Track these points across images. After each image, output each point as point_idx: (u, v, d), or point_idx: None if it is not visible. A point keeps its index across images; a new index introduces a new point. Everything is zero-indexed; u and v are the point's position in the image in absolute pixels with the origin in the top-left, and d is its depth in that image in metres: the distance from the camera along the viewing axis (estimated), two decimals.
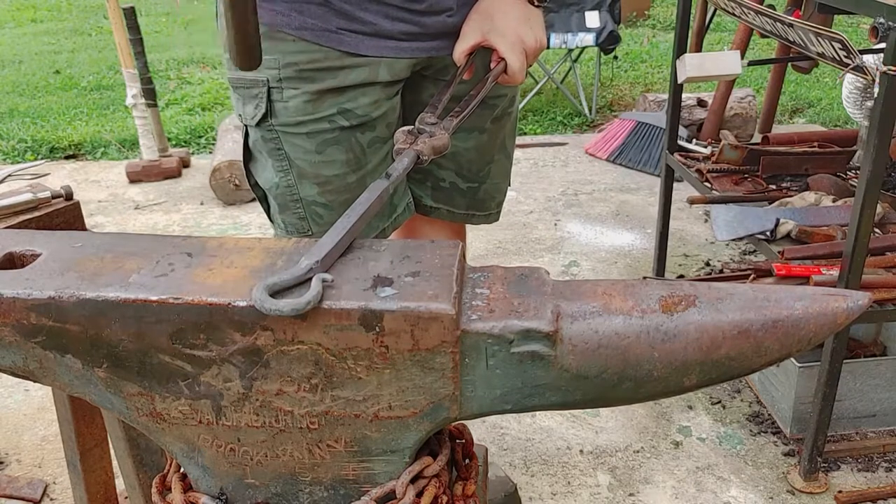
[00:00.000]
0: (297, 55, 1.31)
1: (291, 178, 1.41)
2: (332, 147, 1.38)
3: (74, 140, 4.58)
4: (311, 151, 1.38)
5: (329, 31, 1.30)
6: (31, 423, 2.29)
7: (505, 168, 1.65)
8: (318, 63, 1.32)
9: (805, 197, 2.23)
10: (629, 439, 2.20)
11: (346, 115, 1.36)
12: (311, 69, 1.32)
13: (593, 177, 4.02)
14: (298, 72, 1.32)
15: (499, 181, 1.64)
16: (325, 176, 1.40)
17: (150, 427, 0.84)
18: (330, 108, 1.35)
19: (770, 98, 4.11)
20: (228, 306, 0.74)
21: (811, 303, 0.75)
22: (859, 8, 1.78)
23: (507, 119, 1.57)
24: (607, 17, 4.57)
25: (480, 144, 1.54)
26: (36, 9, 8.66)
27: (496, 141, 1.57)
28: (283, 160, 1.40)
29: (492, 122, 1.53)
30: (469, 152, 1.55)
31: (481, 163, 1.58)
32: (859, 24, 6.05)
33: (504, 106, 1.54)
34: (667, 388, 0.77)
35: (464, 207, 1.63)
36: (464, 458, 0.96)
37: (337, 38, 1.31)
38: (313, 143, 1.37)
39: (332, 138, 1.37)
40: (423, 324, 0.73)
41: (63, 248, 0.84)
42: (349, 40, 1.31)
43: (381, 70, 1.35)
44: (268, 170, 1.43)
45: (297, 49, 1.31)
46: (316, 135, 1.37)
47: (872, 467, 2.08)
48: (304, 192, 1.41)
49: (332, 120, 1.36)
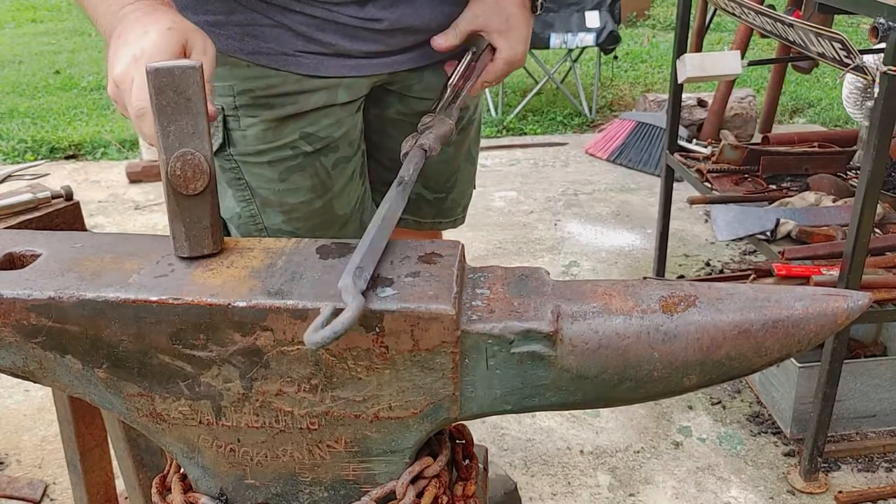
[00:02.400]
0: (252, 81, 1.23)
1: (254, 208, 1.34)
2: (297, 174, 1.31)
3: (74, 140, 4.58)
4: (273, 180, 1.31)
5: (286, 54, 1.22)
6: (31, 423, 2.29)
7: (470, 174, 1.63)
8: (275, 89, 1.24)
9: (805, 197, 2.23)
10: (629, 439, 2.20)
11: (308, 140, 1.29)
12: (269, 95, 1.25)
13: (593, 177, 4.02)
14: (255, 98, 1.25)
15: (464, 188, 1.62)
16: (290, 203, 1.34)
17: (150, 427, 0.84)
18: (292, 135, 1.28)
19: (770, 98, 4.11)
20: (228, 307, 0.74)
21: (811, 303, 0.75)
22: (859, 8, 1.78)
23: (471, 128, 1.54)
24: (607, 17, 4.58)
25: (447, 157, 1.51)
26: (36, 9, 8.65)
27: (461, 151, 1.54)
28: (244, 190, 1.33)
29: (458, 134, 1.48)
30: (436, 165, 1.51)
31: (448, 174, 1.55)
32: (859, 24, 6.05)
33: (468, 116, 1.51)
34: (667, 388, 0.77)
35: (431, 216, 1.61)
36: (464, 459, 0.96)
37: (295, 62, 1.23)
38: (276, 172, 1.30)
39: (296, 165, 1.31)
40: (423, 324, 0.73)
41: (63, 249, 0.84)
42: (308, 62, 1.24)
43: (341, 91, 1.28)
44: (227, 199, 1.35)
45: (252, 75, 1.23)
46: (278, 163, 1.30)
47: (872, 467, 2.08)
48: (268, 220, 1.35)
49: (295, 146, 1.29)
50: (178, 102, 0.77)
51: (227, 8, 1.20)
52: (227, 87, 1.24)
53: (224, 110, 1.26)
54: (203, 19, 1.20)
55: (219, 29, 1.20)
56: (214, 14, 1.20)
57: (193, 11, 1.20)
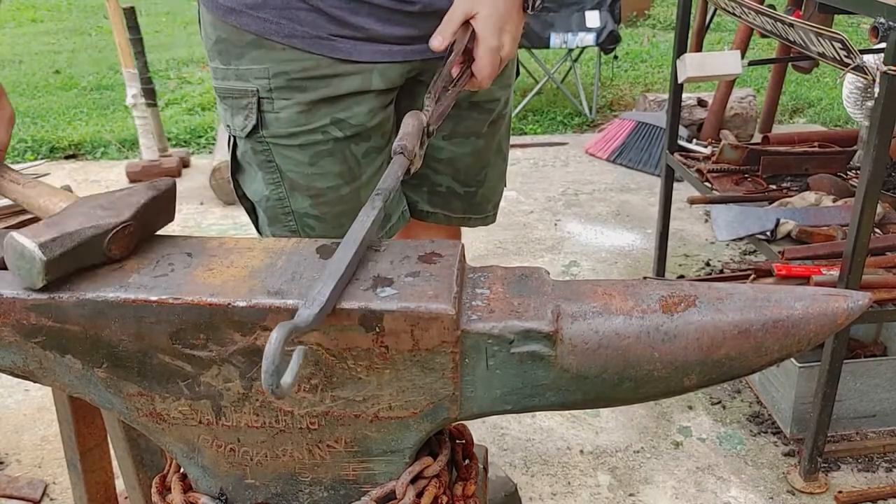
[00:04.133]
0: (287, 64, 1.26)
1: (283, 191, 1.37)
2: (326, 159, 1.34)
3: (74, 140, 4.58)
4: (303, 163, 1.34)
5: (320, 37, 1.25)
6: (31, 423, 2.29)
7: (501, 170, 1.63)
8: (310, 72, 1.27)
9: (805, 197, 2.23)
10: (629, 439, 2.19)
11: (339, 126, 1.32)
12: (303, 78, 1.27)
13: (593, 177, 4.02)
14: (289, 81, 1.28)
15: (495, 184, 1.62)
16: (318, 188, 1.36)
17: (150, 427, 0.84)
18: (323, 119, 1.30)
19: (770, 98, 4.11)
20: (228, 306, 0.74)
21: (811, 303, 0.75)
22: (859, 8, 1.78)
23: (501, 122, 1.55)
24: (607, 17, 4.57)
25: (477, 149, 1.52)
26: (36, 9, 8.65)
27: (492, 144, 1.55)
28: (274, 172, 1.35)
29: (488, 127, 1.51)
30: (466, 157, 1.53)
31: (478, 167, 1.56)
32: (859, 24, 6.05)
33: (499, 109, 1.51)
34: (667, 388, 0.77)
35: (461, 211, 1.61)
36: (464, 459, 0.96)
37: (329, 45, 1.26)
38: (306, 155, 1.33)
39: (326, 150, 1.33)
40: (423, 324, 0.73)
41: None
42: (342, 46, 1.26)
43: (375, 77, 1.30)
44: (257, 182, 1.38)
45: (288, 58, 1.26)
46: (309, 146, 1.32)
47: (872, 467, 2.08)
48: (295, 204, 1.37)
49: (326, 131, 1.31)
50: None
51: None
52: (262, 70, 1.28)
53: (259, 93, 1.29)
54: (241, 2, 1.24)
55: (256, 11, 1.24)
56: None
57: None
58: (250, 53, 1.28)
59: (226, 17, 1.27)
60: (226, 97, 1.34)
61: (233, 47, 1.29)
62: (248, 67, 1.28)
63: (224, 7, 1.26)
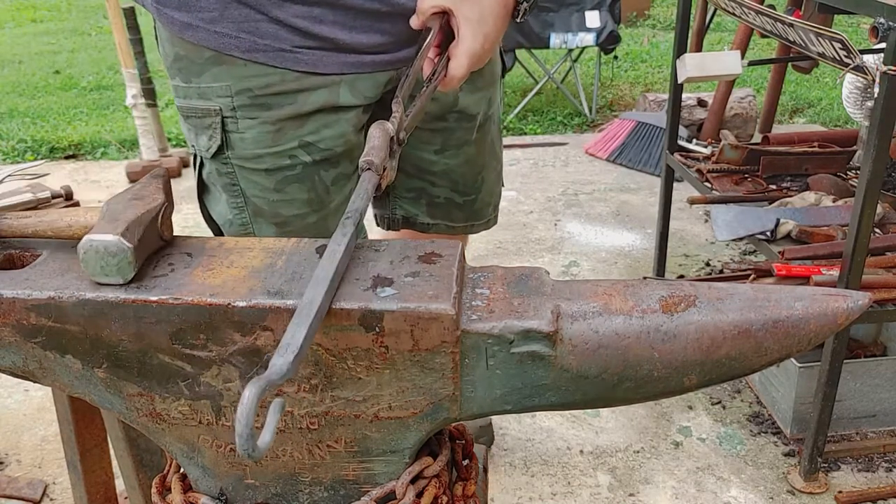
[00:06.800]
0: (250, 80, 1.20)
1: (246, 216, 1.30)
2: (293, 185, 1.27)
3: (74, 140, 4.58)
4: (269, 189, 1.27)
5: (283, 50, 1.18)
6: (31, 423, 2.29)
7: (496, 172, 1.60)
8: (274, 87, 1.20)
9: (805, 197, 2.23)
10: (629, 439, 2.19)
11: (308, 150, 1.25)
12: (267, 94, 1.21)
13: (593, 177, 4.02)
14: (253, 98, 1.21)
15: (492, 186, 1.60)
16: (283, 216, 1.29)
17: (150, 427, 0.84)
18: (291, 141, 1.24)
19: (770, 98, 4.11)
20: (228, 306, 0.74)
21: (811, 303, 0.75)
22: (859, 8, 1.78)
23: (490, 123, 1.51)
24: (607, 17, 4.58)
25: (470, 157, 1.49)
26: (36, 9, 8.66)
27: (484, 149, 1.52)
28: (238, 196, 1.29)
29: (477, 132, 1.47)
30: (461, 167, 1.49)
31: (474, 174, 1.52)
32: (859, 24, 6.04)
33: (484, 110, 1.47)
34: (667, 388, 0.77)
35: (462, 220, 1.58)
36: (464, 459, 0.96)
37: (293, 58, 1.19)
38: (272, 181, 1.26)
39: (294, 175, 1.26)
40: (423, 324, 0.73)
41: (63, 248, 0.84)
42: (306, 59, 1.19)
43: (343, 91, 1.23)
44: (221, 204, 1.32)
45: (250, 73, 1.19)
46: (275, 171, 1.26)
47: (872, 467, 2.08)
48: (259, 231, 1.31)
49: (294, 155, 1.25)
50: None
51: (222, 5, 1.16)
52: (224, 87, 1.21)
53: (222, 111, 1.23)
54: (197, 17, 1.17)
55: (213, 26, 1.17)
56: (209, 11, 1.17)
57: (187, 10, 1.17)
58: (210, 70, 1.21)
59: (182, 34, 1.19)
60: (189, 116, 1.27)
61: (192, 64, 1.22)
62: (210, 85, 1.22)
63: (180, 23, 1.19)
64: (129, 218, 0.78)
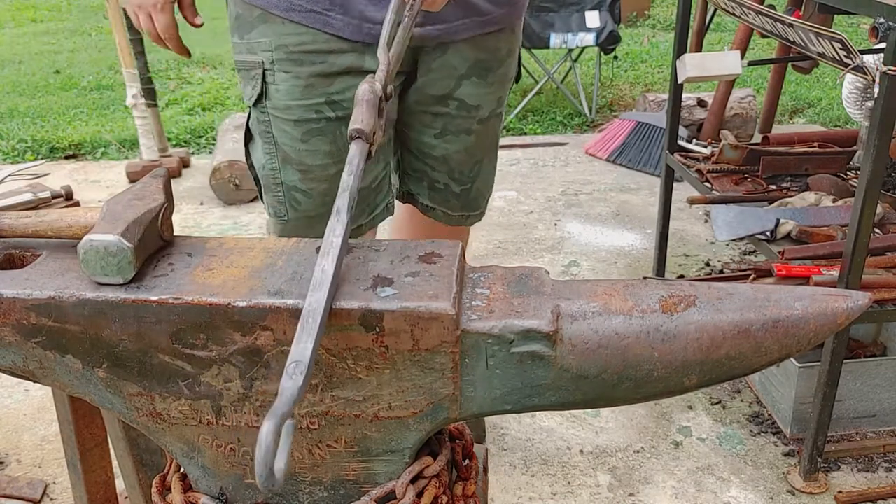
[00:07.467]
0: (287, 37, 1.33)
1: (276, 162, 1.44)
2: (317, 137, 1.40)
3: (74, 140, 4.58)
4: (296, 139, 1.40)
5: (315, 11, 1.31)
6: (31, 423, 2.29)
7: (493, 165, 1.69)
8: (306, 46, 1.33)
9: (805, 197, 2.23)
10: (629, 439, 2.19)
11: (333, 107, 1.37)
12: (300, 52, 1.33)
13: (593, 177, 4.02)
14: (289, 54, 1.34)
15: (488, 177, 1.68)
16: (307, 164, 1.42)
17: (150, 427, 0.84)
18: (318, 97, 1.36)
19: (770, 98, 4.11)
20: (228, 306, 0.74)
21: (811, 303, 0.75)
22: (859, 8, 1.78)
23: (495, 120, 1.59)
24: (607, 17, 4.58)
25: (469, 146, 1.57)
26: (36, 9, 8.65)
27: (484, 141, 1.59)
28: (271, 143, 1.42)
29: (478, 123, 1.55)
30: (459, 154, 1.57)
31: (471, 163, 1.60)
32: (859, 24, 6.04)
33: (492, 108, 1.55)
34: (667, 388, 0.77)
35: (458, 209, 1.67)
36: (464, 459, 0.96)
37: (323, 20, 1.31)
38: (300, 131, 1.39)
39: (318, 128, 1.39)
40: (423, 324, 0.73)
41: (63, 248, 0.84)
42: (335, 23, 1.31)
43: (368, 57, 1.34)
44: (258, 150, 1.46)
45: (287, 31, 1.33)
46: (302, 123, 1.38)
47: (872, 467, 2.08)
48: (286, 176, 1.44)
49: (320, 110, 1.37)
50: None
51: None
52: (266, 43, 1.35)
53: (264, 64, 1.36)
54: None
55: None
56: None
57: None
58: (258, 27, 1.35)
59: None
60: (241, 69, 1.42)
61: (245, 22, 1.37)
62: (257, 41, 1.36)
63: None
64: (129, 218, 0.78)
